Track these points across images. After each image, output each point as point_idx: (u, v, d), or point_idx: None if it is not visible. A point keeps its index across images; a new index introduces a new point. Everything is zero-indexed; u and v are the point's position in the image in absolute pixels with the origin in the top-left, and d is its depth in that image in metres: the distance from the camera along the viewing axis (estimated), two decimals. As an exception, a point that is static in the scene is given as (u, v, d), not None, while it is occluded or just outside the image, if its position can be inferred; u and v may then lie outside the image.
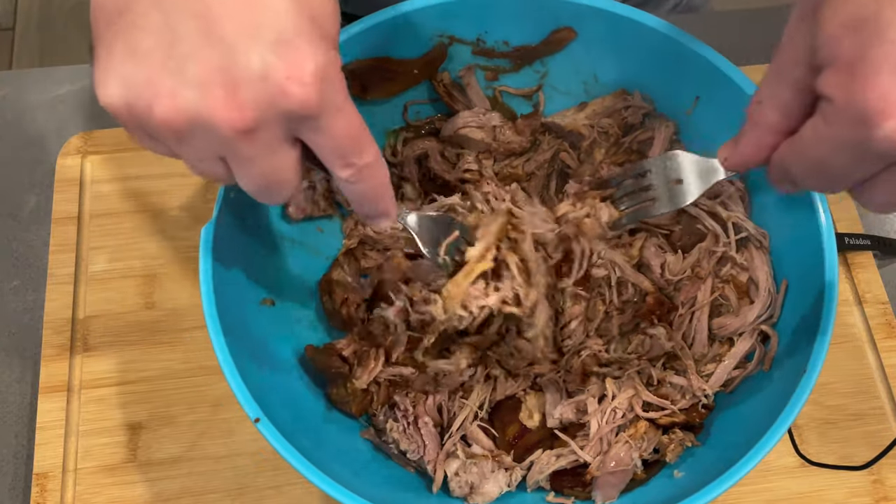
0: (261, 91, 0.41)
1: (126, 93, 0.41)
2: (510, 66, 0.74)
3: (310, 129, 0.43)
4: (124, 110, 0.42)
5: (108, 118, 0.86)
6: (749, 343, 0.65)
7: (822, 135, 0.42)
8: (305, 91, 0.41)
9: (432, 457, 0.66)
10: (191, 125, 0.41)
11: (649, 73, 0.70)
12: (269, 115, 0.41)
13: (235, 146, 0.42)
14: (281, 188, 0.46)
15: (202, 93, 0.40)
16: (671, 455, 0.64)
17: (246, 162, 0.44)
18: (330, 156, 0.45)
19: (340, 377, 0.65)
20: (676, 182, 0.56)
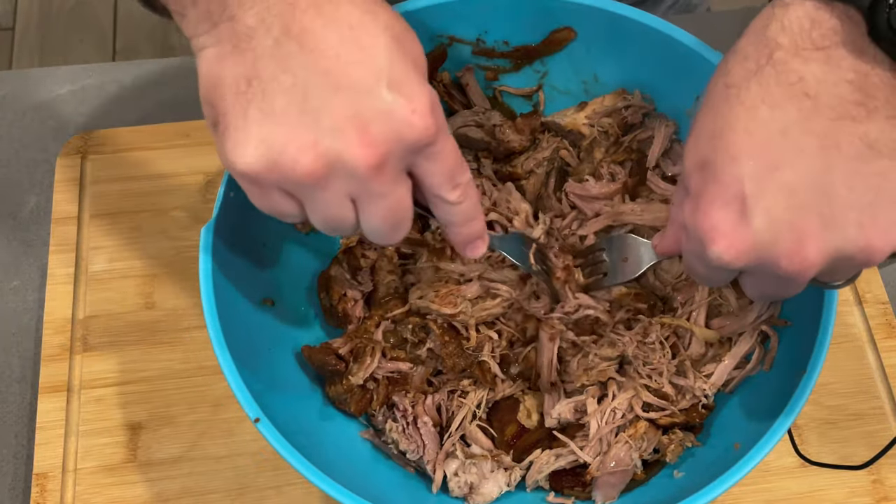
0: (388, 127, 0.45)
1: (268, 152, 0.45)
2: (510, 66, 0.74)
3: (427, 158, 0.48)
4: (265, 169, 0.45)
5: (109, 118, 0.87)
6: (749, 343, 0.65)
7: (685, 248, 0.52)
8: (426, 121, 0.46)
9: (432, 457, 0.66)
10: (331, 169, 0.45)
11: (649, 72, 0.70)
12: (395, 148, 0.46)
13: (368, 183, 0.46)
14: (403, 222, 0.50)
15: (339, 137, 0.45)
16: (671, 455, 0.64)
17: (376, 198, 0.48)
18: (442, 180, 0.50)
19: (337, 375, 0.66)
20: (623, 259, 0.65)
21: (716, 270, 0.49)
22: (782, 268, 0.46)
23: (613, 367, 0.66)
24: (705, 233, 0.47)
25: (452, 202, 0.51)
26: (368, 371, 0.66)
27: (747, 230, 0.46)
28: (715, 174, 0.47)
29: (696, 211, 0.48)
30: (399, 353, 0.68)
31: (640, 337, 0.66)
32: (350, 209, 0.48)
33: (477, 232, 0.54)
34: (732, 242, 0.46)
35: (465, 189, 0.51)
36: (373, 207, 0.48)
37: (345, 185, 0.47)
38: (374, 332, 0.69)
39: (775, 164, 0.45)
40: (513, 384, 0.68)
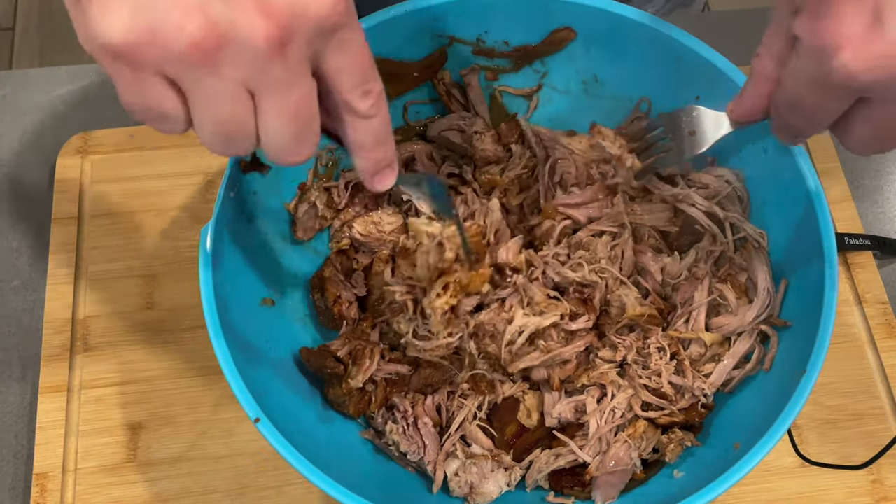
0: (292, 1, 0.39)
1: (146, 18, 0.38)
2: (510, 66, 0.74)
3: (336, 48, 0.42)
4: (142, 40, 0.38)
5: (109, 118, 0.86)
6: (748, 343, 0.65)
7: (794, 72, 0.46)
8: (333, 2, 0.40)
9: (433, 457, 0.66)
10: (223, 41, 0.38)
11: (649, 72, 0.70)
12: (300, 25, 0.40)
13: (268, 65, 0.40)
14: (308, 128, 0.43)
15: (232, 3, 0.38)
16: (671, 455, 0.64)
17: (280, 88, 0.41)
18: (353, 81, 0.44)
19: (336, 378, 0.65)
20: (690, 133, 0.60)
21: (834, 92, 0.44)
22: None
23: (614, 370, 0.66)
24: (831, 39, 0.42)
25: (363, 113, 0.45)
26: (367, 374, 0.66)
27: (880, 34, 0.41)
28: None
29: (818, 19, 0.43)
30: (397, 354, 0.68)
31: (640, 343, 0.66)
32: (247, 106, 0.41)
33: (386, 158, 0.48)
34: (863, 48, 0.41)
35: (377, 100, 0.45)
36: (274, 101, 0.41)
37: (239, 68, 0.40)
38: (371, 332, 0.68)
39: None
40: (513, 385, 0.68)
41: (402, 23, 0.67)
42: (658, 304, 0.67)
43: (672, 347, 0.66)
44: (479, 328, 0.66)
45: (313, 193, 0.70)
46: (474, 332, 0.66)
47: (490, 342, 0.65)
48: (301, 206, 0.69)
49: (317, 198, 0.70)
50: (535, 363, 0.65)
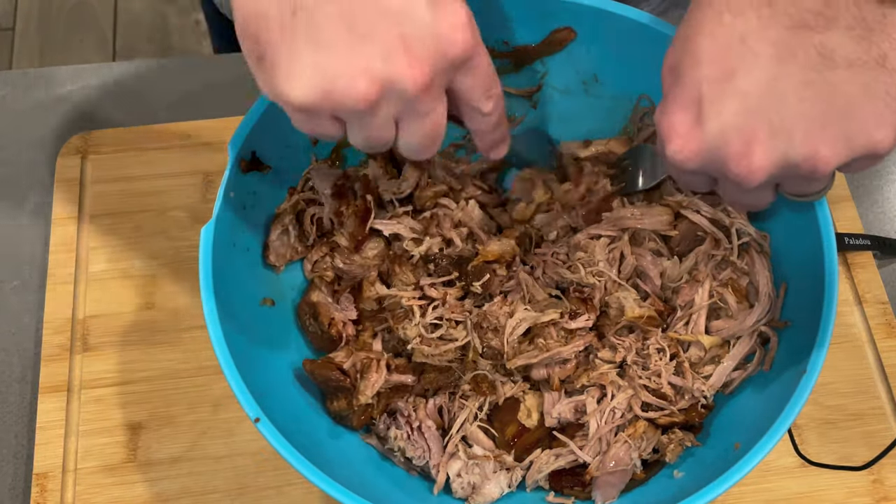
0: (432, 45, 0.47)
1: (322, 81, 0.46)
2: (510, 66, 0.74)
3: (466, 73, 0.50)
4: (320, 99, 0.46)
5: (109, 118, 0.86)
6: (748, 345, 0.65)
7: (658, 149, 0.55)
8: (465, 37, 0.48)
9: (437, 460, 0.65)
10: (384, 92, 0.46)
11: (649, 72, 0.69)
12: (440, 65, 0.48)
13: (415, 104, 0.48)
14: (439, 137, 0.51)
15: (389, 61, 0.46)
16: (671, 455, 0.64)
17: (420, 117, 0.49)
18: (479, 93, 0.52)
19: (341, 390, 0.65)
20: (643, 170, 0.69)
21: (677, 169, 0.51)
22: (731, 171, 0.48)
23: (614, 370, 0.66)
24: (665, 132, 0.49)
25: (487, 112, 0.53)
26: (376, 387, 0.65)
27: (700, 133, 0.48)
28: (681, 77, 0.49)
29: (662, 112, 0.50)
30: (401, 361, 0.68)
31: (639, 344, 0.66)
32: (392, 129, 0.50)
33: (502, 136, 0.57)
34: (686, 143, 0.48)
35: (497, 100, 0.54)
36: (415, 126, 0.50)
37: (393, 108, 0.48)
38: (372, 342, 0.68)
39: (732, 70, 0.47)
40: (514, 386, 0.68)
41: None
42: (657, 306, 0.67)
43: (672, 348, 0.66)
44: (482, 319, 0.66)
45: (287, 217, 0.69)
46: (478, 324, 0.66)
47: (493, 336, 0.66)
48: (275, 230, 0.68)
49: (290, 222, 0.69)
50: (535, 361, 0.65)
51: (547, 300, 0.66)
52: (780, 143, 0.46)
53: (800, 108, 0.46)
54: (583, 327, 0.66)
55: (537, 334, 0.66)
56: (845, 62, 0.45)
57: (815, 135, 0.46)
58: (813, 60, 0.45)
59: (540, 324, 0.66)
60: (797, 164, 0.47)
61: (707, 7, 0.48)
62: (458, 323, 0.67)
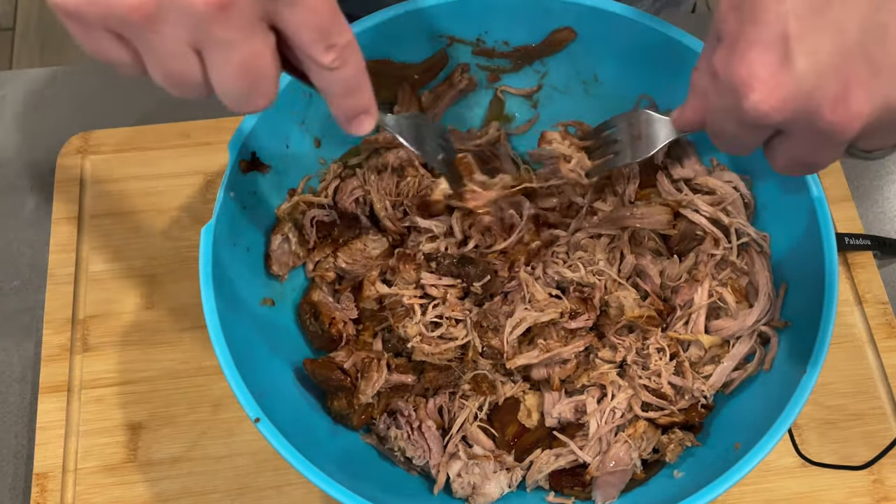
0: None
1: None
2: (510, 66, 0.74)
3: (286, 4, 0.41)
4: (86, 3, 0.39)
5: (109, 118, 0.86)
6: (748, 345, 0.65)
7: (712, 104, 0.47)
8: None
9: (438, 460, 0.65)
10: (161, 6, 0.39)
11: (649, 72, 0.70)
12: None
13: (210, 28, 0.40)
14: (261, 81, 0.43)
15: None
16: (671, 455, 0.64)
17: (223, 48, 0.41)
18: (310, 37, 0.43)
19: (342, 390, 0.65)
20: (637, 137, 0.60)
21: (749, 128, 0.45)
22: (825, 119, 0.42)
23: (614, 370, 0.66)
24: (742, 80, 0.43)
25: (326, 66, 0.44)
26: (376, 387, 0.65)
27: (789, 76, 0.42)
28: (755, 13, 0.42)
29: (732, 56, 0.43)
30: (401, 360, 0.68)
31: (639, 344, 0.66)
32: (194, 62, 0.42)
33: (362, 105, 0.47)
34: (773, 90, 0.42)
35: (342, 52, 0.44)
36: (219, 59, 0.41)
37: (182, 29, 0.40)
38: (373, 342, 0.68)
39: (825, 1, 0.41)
40: (514, 385, 0.68)
41: (401, 23, 0.67)
42: (657, 306, 0.67)
43: (672, 348, 0.66)
44: (482, 318, 0.66)
45: (286, 225, 0.68)
46: (478, 322, 0.66)
47: (493, 335, 0.66)
48: (275, 239, 0.68)
49: (289, 230, 0.69)
50: (535, 361, 0.65)
51: (547, 300, 0.66)
52: (883, 85, 0.41)
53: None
54: (583, 327, 0.66)
55: (537, 334, 0.66)
56: None
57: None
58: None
59: (540, 324, 0.66)
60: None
61: None
62: (458, 321, 0.67)
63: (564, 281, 0.68)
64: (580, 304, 0.66)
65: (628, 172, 0.70)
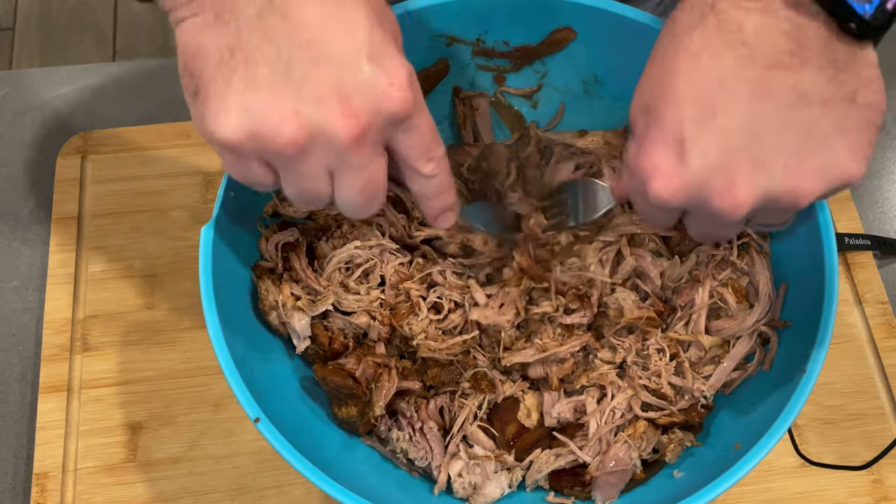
0: (369, 99, 0.46)
1: (250, 121, 0.45)
2: (510, 66, 0.74)
3: (404, 131, 0.49)
4: (246, 138, 0.46)
5: (109, 118, 0.87)
6: (748, 345, 0.65)
7: (629, 187, 0.55)
8: (404, 94, 0.47)
9: (440, 461, 0.65)
10: (312, 139, 0.46)
11: (649, 73, 0.70)
12: (375, 120, 0.47)
13: (347, 155, 0.47)
14: (377, 195, 0.51)
15: (321, 108, 0.46)
16: (671, 455, 0.64)
17: (354, 171, 0.48)
18: (418, 154, 0.51)
19: (352, 397, 0.64)
20: (584, 202, 0.65)
21: (656, 208, 0.52)
22: (715, 206, 0.49)
23: (613, 371, 0.66)
24: (646, 172, 0.50)
25: (427, 175, 0.52)
26: (388, 396, 0.65)
27: (684, 170, 0.49)
28: (658, 118, 0.50)
29: (639, 152, 0.51)
30: (406, 363, 0.68)
31: (639, 345, 0.66)
32: (327, 182, 0.49)
33: (447, 204, 0.56)
34: (670, 181, 0.49)
35: (438, 163, 0.52)
36: (349, 180, 0.49)
37: (324, 157, 0.47)
38: (375, 346, 0.68)
39: (712, 109, 0.48)
40: (513, 385, 0.68)
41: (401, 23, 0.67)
42: (657, 307, 0.67)
43: (671, 348, 0.66)
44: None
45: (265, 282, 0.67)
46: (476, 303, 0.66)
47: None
48: (261, 287, 0.66)
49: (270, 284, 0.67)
50: (530, 360, 0.65)
51: (542, 294, 0.67)
52: (762, 178, 0.48)
53: (779, 144, 0.48)
54: (579, 324, 0.66)
55: (534, 332, 0.66)
56: (819, 99, 0.47)
57: (794, 169, 0.48)
58: (789, 98, 0.47)
59: (533, 315, 0.66)
60: (779, 198, 0.49)
61: (682, 51, 0.49)
62: (457, 306, 0.67)
63: (559, 282, 0.68)
64: (576, 301, 0.66)
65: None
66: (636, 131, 0.52)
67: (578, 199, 0.66)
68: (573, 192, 0.67)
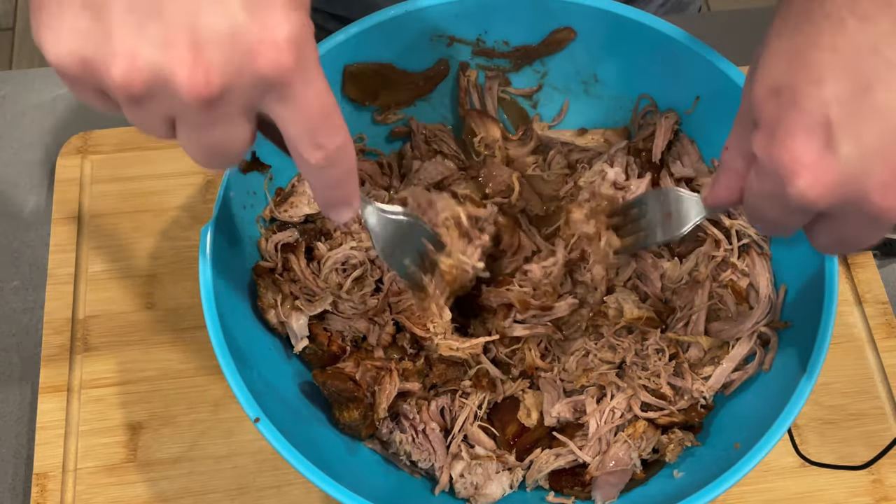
0: (229, 54, 0.38)
1: (81, 48, 0.38)
2: (510, 66, 0.74)
3: (278, 100, 0.40)
4: (77, 66, 0.39)
5: (109, 118, 0.86)
6: (747, 346, 0.65)
7: (754, 188, 0.46)
8: (279, 55, 0.38)
9: (443, 461, 0.65)
10: (149, 88, 0.38)
11: (649, 72, 0.70)
12: (235, 82, 0.39)
13: (192, 113, 0.39)
14: (223, 161, 0.43)
15: (165, 52, 0.37)
16: (671, 455, 0.64)
17: (197, 129, 0.41)
18: (298, 134, 0.42)
19: (353, 401, 0.64)
20: (667, 215, 0.59)
21: (794, 212, 0.44)
22: (874, 203, 0.41)
23: (613, 371, 0.66)
24: (785, 166, 0.42)
25: (312, 165, 0.43)
26: (391, 398, 0.64)
27: (835, 161, 0.41)
28: (795, 99, 0.42)
29: (773, 142, 0.43)
30: (407, 364, 0.68)
31: (638, 345, 0.66)
32: (166, 128, 0.42)
33: (343, 198, 0.47)
34: (818, 176, 0.41)
35: (331, 154, 0.43)
36: (190, 136, 0.41)
37: (163, 108, 0.40)
38: (375, 349, 0.68)
39: (866, 84, 0.40)
40: (513, 384, 0.68)
41: (401, 23, 0.67)
42: (657, 307, 0.67)
43: (671, 349, 0.66)
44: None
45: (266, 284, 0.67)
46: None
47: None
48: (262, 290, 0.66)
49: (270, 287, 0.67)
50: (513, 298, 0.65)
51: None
52: None
53: None
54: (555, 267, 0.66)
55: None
56: None
57: None
58: None
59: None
60: None
61: (821, 17, 0.42)
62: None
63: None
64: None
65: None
66: (765, 116, 0.44)
67: (655, 212, 0.60)
68: (650, 206, 0.61)
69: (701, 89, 0.68)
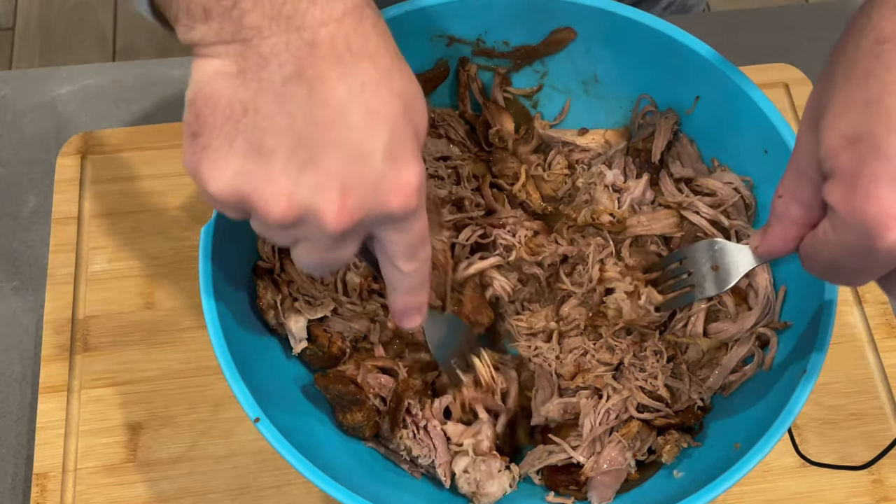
0: (370, 197, 0.44)
1: (242, 186, 0.44)
2: (510, 66, 0.74)
3: (394, 229, 0.47)
4: (235, 199, 0.44)
5: (109, 118, 0.87)
6: (746, 347, 0.65)
7: (832, 240, 0.45)
8: (408, 200, 0.45)
9: (444, 459, 0.65)
10: (299, 221, 0.44)
11: (649, 72, 0.70)
12: (367, 217, 0.45)
13: (324, 239, 0.45)
14: (334, 268, 0.49)
15: (318, 195, 0.43)
16: (667, 456, 0.64)
17: (321, 249, 0.47)
18: (401, 252, 0.49)
19: (356, 403, 0.64)
20: (713, 268, 0.59)
21: (881, 264, 0.43)
22: None
23: (610, 373, 0.66)
24: (873, 218, 0.41)
25: (405, 272, 0.50)
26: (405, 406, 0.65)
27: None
28: (877, 148, 0.41)
29: (856, 193, 0.41)
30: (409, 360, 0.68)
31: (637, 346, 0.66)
32: (294, 242, 0.48)
33: (417, 304, 0.53)
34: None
35: (420, 264, 0.50)
36: (314, 253, 0.47)
37: (301, 232, 0.46)
38: (375, 347, 0.68)
39: None
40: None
41: (401, 23, 0.67)
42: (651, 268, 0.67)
43: (669, 351, 0.66)
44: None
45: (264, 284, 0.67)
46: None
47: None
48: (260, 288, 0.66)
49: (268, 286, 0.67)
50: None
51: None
52: None
53: None
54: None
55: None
56: None
57: None
58: None
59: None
60: None
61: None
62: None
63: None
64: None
65: None
66: (840, 168, 0.42)
67: (701, 265, 0.60)
68: (696, 259, 0.61)
69: (701, 89, 0.68)
